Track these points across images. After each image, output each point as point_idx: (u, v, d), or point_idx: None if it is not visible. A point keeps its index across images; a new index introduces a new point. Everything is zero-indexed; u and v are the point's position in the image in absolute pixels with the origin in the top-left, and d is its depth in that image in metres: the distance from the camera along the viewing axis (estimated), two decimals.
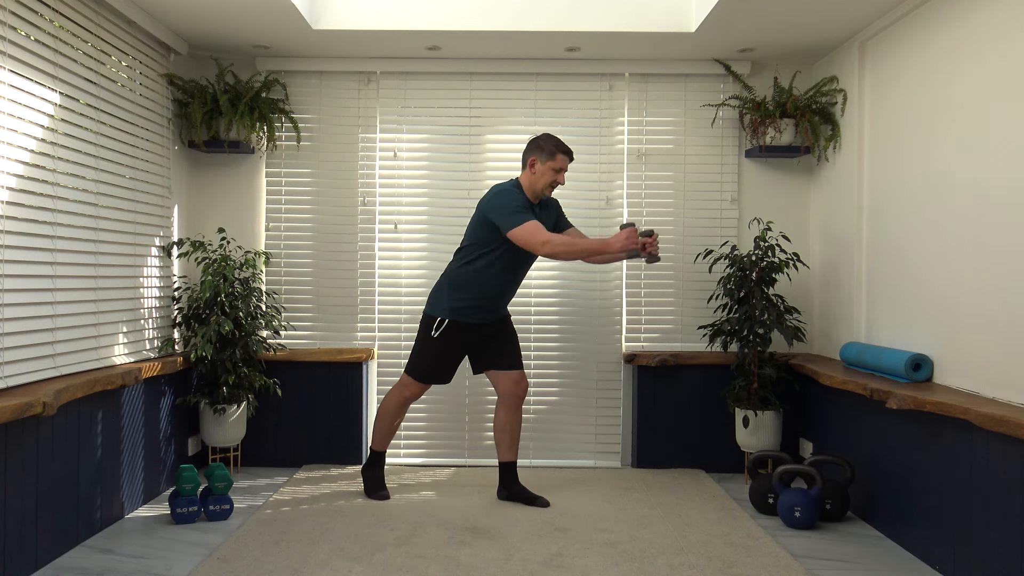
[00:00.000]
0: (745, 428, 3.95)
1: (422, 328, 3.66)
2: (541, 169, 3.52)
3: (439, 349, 3.61)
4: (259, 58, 4.28)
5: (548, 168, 3.51)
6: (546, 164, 3.51)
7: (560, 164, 3.52)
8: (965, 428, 2.73)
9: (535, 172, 3.53)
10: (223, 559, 2.90)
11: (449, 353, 3.64)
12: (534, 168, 3.53)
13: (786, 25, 3.70)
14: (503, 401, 3.70)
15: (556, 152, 3.51)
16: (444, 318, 3.56)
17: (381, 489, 3.72)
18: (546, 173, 3.52)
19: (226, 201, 4.35)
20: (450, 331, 3.57)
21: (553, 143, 3.52)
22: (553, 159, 3.51)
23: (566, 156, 3.54)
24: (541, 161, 3.51)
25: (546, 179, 3.53)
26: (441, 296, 3.60)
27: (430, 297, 3.66)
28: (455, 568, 2.83)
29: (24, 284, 2.81)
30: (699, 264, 4.30)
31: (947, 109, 3.07)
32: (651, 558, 2.95)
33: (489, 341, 3.68)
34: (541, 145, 3.53)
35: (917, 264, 3.28)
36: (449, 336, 3.58)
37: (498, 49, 4.15)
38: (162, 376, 3.76)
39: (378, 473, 3.76)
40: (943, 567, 2.86)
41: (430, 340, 3.60)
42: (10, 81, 2.73)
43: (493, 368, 3.69)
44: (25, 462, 2.73)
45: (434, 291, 3.65)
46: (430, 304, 3.64)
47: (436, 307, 3.60)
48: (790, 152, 4.21)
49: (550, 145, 3.51)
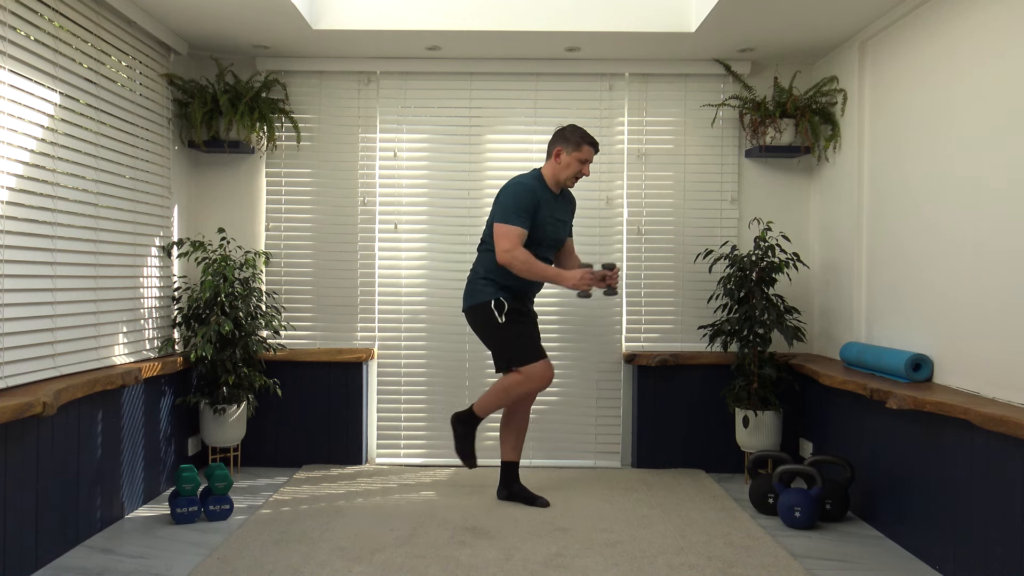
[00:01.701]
0: (745, 428, 3.95)
1: (484, 322, 3.54)
2: (567, 160, 3.52)
3: (518, 324, 3.52)
4: (259, 58, 4.28)
5: (574, 159, 3.52)
6: (572, 155, 3.52)
7: (586, 155, 3.53)
8: (965, 428, 2.72)
9: (560, 162, 3.53)
10: (223, 559, 2.90)
11: (527, 326, 3.55)
12: (559, 158, 3.53)
13: (786, 25, 3.70)
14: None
15: (582, 143, 3.51)
16: (496, 298, 3.49)
17: (471, 456, 3.62)
18: (571, 164, 3.53)
19: (226, 201, 4.35)
20: (510, 309, 3.50)
21: (579, 134, 3.52)
22: (579, 150, 3.51)
23: (592, 147, 3.54)
24: (567, 152, 3.52)
25: (571, 170, 3.53)
26: (478, 285, 3.55)
27: (467, 293, 3.59)
28: (455, 568, 2.83)
29: (24, 284, 2.81)
30: (699, 264, 4.30)
31: (947, 109, 3.07)
32: (651, 558, 2.95)
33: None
34: (567, 136, 3.53)
35: (917, 264, 3.28)
36: (512, 312, 3.50)
37: (498, 49, 4.15)
38: (162, 376, 3.76)
39: (471, 435, 3.63)
40: (943, 567, 2.86)
41: (504, 325, 3.49)
42: (10, 81, 2.73)
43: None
44: (25, 462, 2.73)
45: (469, 287, 3.59)
46: (472, 296, 3.56)
47: (482, 294, 3.53)
48: (790, 152, 4.21)
49: (576, 136, 3.52)
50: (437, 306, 4.37)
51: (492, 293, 3.51)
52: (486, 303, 3.51)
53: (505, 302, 3.49)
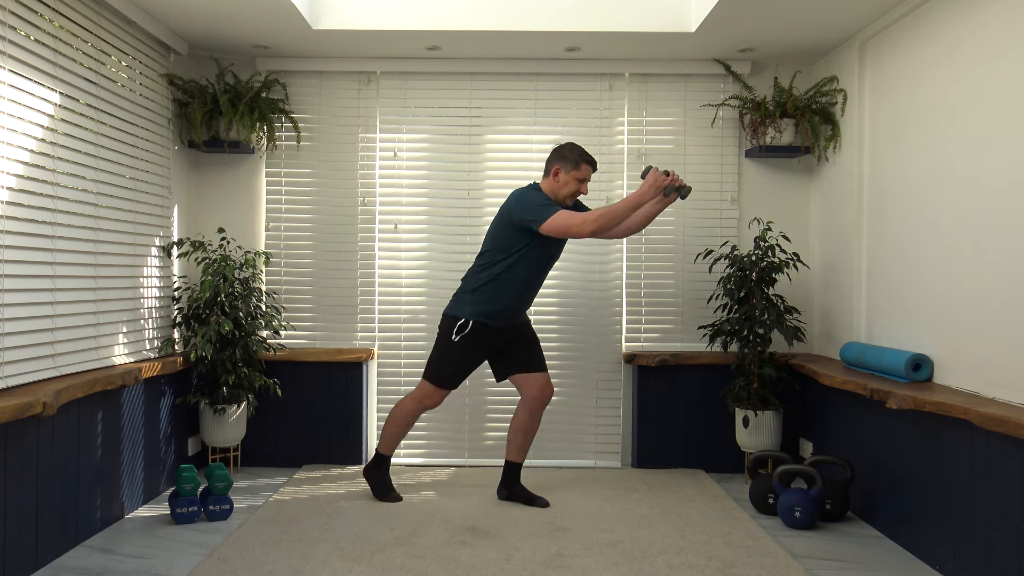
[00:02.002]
0: (745, 428, 3.95)
1: (442, 332, 3.62)
2: (565, 178, 3.52)
3: (461, 351, 3.58)
4: (259, 58, 4.28)
5: (572, 178, 3.52)
6: (570, 173, 3.52)
7: (584, 174, 3.53)
8: (965, 428, 2.73)
9: (558, 181, 3.53)
10: (223, 559, 2.90)
11: (470, 356, 3.62)
12: (557, 177, 3.53)
13: (786, 25, 3.70)
14: (527, 404, 3.67)
15: (581, 162, 3.51)
16: (468, 319, 3.54)
17: (390, 491, 3.70)
18: (570, 183, 3.52)
19: (226, 201, 4.35)
20: (473, 332, 3.54)
21: (578, 152, 3.52)
22: (578, 169, 3.51)
23: (590, 167, 3.55)
24: (565, 170, 3.52)
25: (569, 188, 3.53)
26: (463, 299, 3.58)
27: (452, 300, 3.65)
28: (455, 568, 2.83)
29: (24, 284, 2.81)
30: (699, 264, 4.30)
31: (947, 109, 3.07)
32: (651, 558, 2.95)
33: (511, 345, 3.66)
34: (566, 154, 3.53)
35: (917, 264, 3.28)
36: (471, 338, 3.55)
37: (498, 49, 4.15)
38: (162, 376, 3.76)
39: (384, 476, 3.74)
40: (943, 567, 2.86)
41: (451, 344, 3.57)
42: (10, 81, 2.73)
43: (519, 371, 3.66)
44: (25, 462, 2.73)
45: (455, 296, 3.64)
46: (452, 306, 3.62)
47: (459, 309, 3.58)
48: (790, 152, 4.21)
49: (574, 155, 3.52)
50: (437, 306, 4.37)
51: (468, 313, 3.55)
52: (455, 318, 3.57)
53: (471, 327, 3.52)
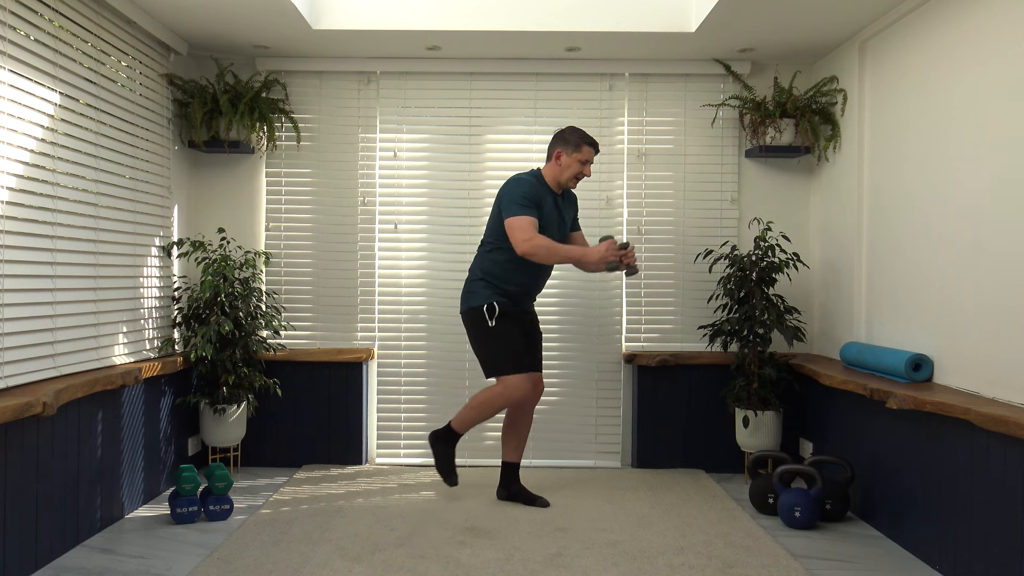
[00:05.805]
0: (745, 428, 3.95)
1: (475, 325, 3.54)
2: (567, 161, 3.54)
3: (505, 330, 3.50)
4: (259, 58, 4.28)
5: (574, 160, 3.53)
6: (572, 156, 3.53)
7: (586, 156, 3.54)
8: (965, 428, 2.72)
9: (560, 164, 3.55)
10: (223, 559, 2.90)
11: (516, 330, 3.54)
12: (559, 160, 3.55)
13: (786, 25, 3.70)
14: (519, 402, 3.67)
15: (582, 144, 3.53)
16: (490, 303, 3.49)
17: (452, 474, 3.60)
18: (572, 165, 3.54)
19: (226, 201, 4.35)
20: (503, 312, 3.50)
21: (579, 135, 3.54)
22: (579, 151, 3.53)
23: (592, 148, 3.56)
24: (567, 153, 3.53)
25: (572, 171, 3.55)
26: (474, 287, 3.56)
27: (464, 295, 3.61)
28: (455, 568, 2.83)
29: (24, 284, 2.81)
30: (699, 264, 4.30)
31: (947, 109, 3.07)
32: (651, 558, 2.95)
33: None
34: (567, 137, 3.55)
35: (917, 264, 3.28)
36: (504, 317, 3.50)
37: (498, 49, 4.15)
38: (162, 376, 3.76)
39: (452, 452, 3.63)
40: (943, 567, 2.86)
41: (493, 329, 3.49)
42: (10, 81, 2.73)
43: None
44: (25, 462, 2.73)
45: (466, 289, 3.60)
46: (468, 299, 3.57)
47: (476, 298, 3.54)
48: (790, 152, 4.21)
49: (575, 137, 3.53)
50: (437, 306, 4.37)
51: (487, 296, 3.52)
52: (479, 307, 3.52)
53: (498, 306, 3.49)
